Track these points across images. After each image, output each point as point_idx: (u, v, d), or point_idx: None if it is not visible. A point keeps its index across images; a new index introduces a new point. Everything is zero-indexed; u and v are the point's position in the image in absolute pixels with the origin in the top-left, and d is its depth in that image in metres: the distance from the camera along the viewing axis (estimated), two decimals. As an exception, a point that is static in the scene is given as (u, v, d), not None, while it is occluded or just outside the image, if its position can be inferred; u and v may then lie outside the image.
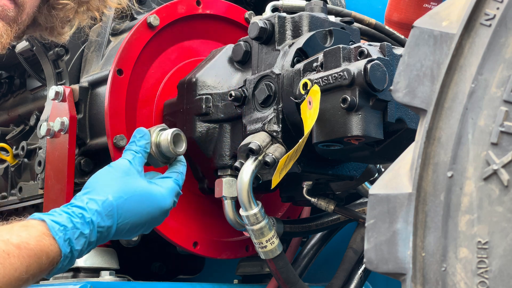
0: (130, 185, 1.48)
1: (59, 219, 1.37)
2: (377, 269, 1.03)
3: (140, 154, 1.53)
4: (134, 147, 1.54)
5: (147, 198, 1.49)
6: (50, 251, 1.33)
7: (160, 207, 1.50)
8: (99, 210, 1.41)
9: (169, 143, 1.55)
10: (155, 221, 1.51)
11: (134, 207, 1.46)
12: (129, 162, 1.51)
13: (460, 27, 1.01)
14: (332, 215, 1.77)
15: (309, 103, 1.43)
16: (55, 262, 1.35)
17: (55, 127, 1.78)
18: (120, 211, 1.44)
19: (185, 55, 1.90)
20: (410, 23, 1.32)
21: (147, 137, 1.56)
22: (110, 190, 1.45)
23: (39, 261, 1.31)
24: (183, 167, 1.60)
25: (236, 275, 1.96)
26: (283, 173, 1.47)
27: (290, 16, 1.64)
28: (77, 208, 1.41)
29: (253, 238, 1.58)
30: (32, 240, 1.31)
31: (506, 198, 0.96)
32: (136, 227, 1.47)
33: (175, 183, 1.54)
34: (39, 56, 1.99)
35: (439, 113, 1.01)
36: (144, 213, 1.48)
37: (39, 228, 1.34)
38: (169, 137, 1.56)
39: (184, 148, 1.59)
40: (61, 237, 1.35)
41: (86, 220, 1.39)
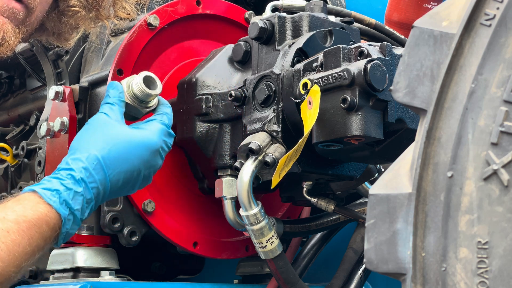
0: (111, 135, 1.47)
1: (49, 185, 1.37)
2: (377, 269, 1.03)
3: (115, 105, 1.52)
4: (108, 99, 1.54)
5: (132, 142, 1.47)
6: (48, 218, 1.33)
7: (149, 148, 1.48)
8: (85, 166, 1.40)
9: (140, 85, 1.54)
10: (150, 164, 1.49)
11: (121, 154, 1.45)
12: (105, 114, 1.51)
13: (460, 27, 1.01)
14: (332, 215, 1.77)
15: (309, 103, 1.43)
16: (57, 227, 1.35)
17: (55, 127, 1.78)
18: (107, 161, 1.43)
19: (185, 55, 1.90)
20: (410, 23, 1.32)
21: (119, 87, 1.55)
22: (91, 144, 1.44)
23: (40, 230, 1.31)
24: (167, 108, 1.59)
25: (236, 275, 1.96)
26: (283, 173, 1.47)
27: (290, 16, 1.64)
28: (64, 171, 1.40)
29: (253, 238, 1.58)
30: (28, 212, 1.31)
31: (506, 198, 0.96)
32: (131, 174, 1.46)
33: (160, 123, 1.53)
34: (39, 56, 1.99)
35: (439, 113, 1.01)
36: (133, 158, 1.46)
37: (32, 199, 1.34)
38: (140, 79, 1.55)
39: (158, 88, 1.58)
40: (55, 201, 1.34)
41: (76, 179, 1.39)
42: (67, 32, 1.71)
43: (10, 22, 1.54)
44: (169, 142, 1.54)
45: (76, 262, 1.71)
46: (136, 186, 1.51)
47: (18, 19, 1.55)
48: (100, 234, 1.76)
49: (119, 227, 1.73)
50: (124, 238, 1.74)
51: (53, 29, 1.69)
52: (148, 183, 1.54)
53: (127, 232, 1.74)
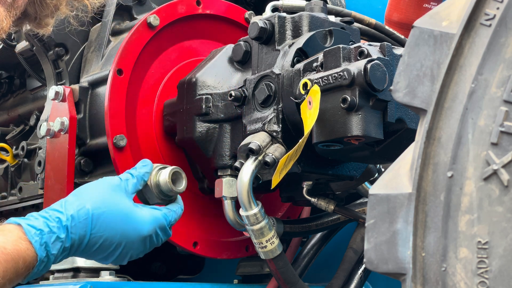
0: (113, 200, 1.46)
1: (35, 223, 1.36)
2: (377, 269, 1.03)
3: (135, 179, 1.52)
4: (133, 171, 1.53)
5: (126, 216, 1.46)
6: (26, 255, 1.32)
7: (137, 231, 1.46)
8: (74, 215, 1.40)
9: (167, 178, 1.54)
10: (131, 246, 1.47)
11: (110, 222, 1.43)
12: (120, 180, 1.50)
13: (460, 27, 1.01)
14: (332, 215, 1.77)
15: (309, 103, 1.43)
16: (31, 266, 1.34)
17: (55, 127, 1.78)
18: (95, 221, 1.42)
19: (185, 55, 1.90)
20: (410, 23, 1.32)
21: (149, 168, 1.54)
22: (91, 198, 1.44)
23: (16, 265, 1.31)
24: (178, 207, 1.57)
25: (236, 275, 1.96)
26: (283, 173, 1.47)
27: (290, 16, 1.64)
28: (54, 212, 1.40)
29: (253, 238, 1.58)
30: (9, 244, 1.31)
31: (506, 198, 0.96)
32: (109, 245, 1.44)
33: (162, 216, 1.51)
34: (39, 56, 1.99)
35: (439, 113, 1.01)
36: (119, 231, 1.44)
37: (16, 233, 1.34)
38: (169, 173, 1.54)
39: (183, 187, 1.57)
40: (37, 241, 1.34)
41: (63, 224, 1.38)
42: (49, 16, 1.70)
43: (1, 5, 1.54)
44: (161, 237, 1.51)
45: (76, 262, 1.71)
46: (108, 259, 1.48)
47: (7, 2, 1.55)
48: (100, 234, 1.76)
49: (119, 227, 1.72)
50: (124, 238, 1.73)
51: (35, 13, 1.68)
52: (121, 263, 1.51)
53: (127, 232, 1.73)
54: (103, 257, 1.47)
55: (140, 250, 1.50)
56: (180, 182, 1.57)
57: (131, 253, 1.49)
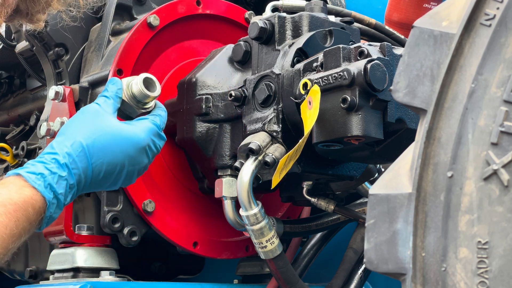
0: (99, 125, 1.47)
1: (34, 169, 1.37)
2: (377, 269, 1.03)
3: (111, 100, 1.53)
4: (105, 93, 1.54)
5: (118, 135, 1.47)
6: (34, 201, 1.33)
7: (134, 144, 1.48)
8: (69, 152, 1.41)
9: (139, 85, 1.55)
10: (134, 161, 1.49)
11: (106, 145, 1.45)
12: (98, 105, 1.51)
13: (460, 27, 1.01)
14: (332, 215, 1.77)
15: (309, 103, 1.43)
16: (42, 211, 1.35)
17: (55, 127, 1.78)
18: (92, 150, 1.43)
19: (185, 55, 1.90)
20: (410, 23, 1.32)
21: (119, 84, 1.56)
22: (78, 132, 1.45)
23: (25, 213, 1.31)
24: (162, 111, 1.59)
25: (236, 275, 1.96)
26: (283, 173, 1.47)
27: (290, 16, 1.64)
28: (49, 155, 1.41)
29: (253, 238, 1.58)
30: (13, 194, 1.31)
31: (506, 198, 0.96)
32: (114, 167, 1.46)
33: (151, 123, 1.53)
34: (39, 56, 1.99)
35: (439, 113, 1.01)
36: (118, 151, 1.46)
37: (17, 182, 1.34)
38: (140, 79, 1.56)
39: (157, 91, 1.58)
40: (40, 184, 1.35)
41: (61, 163, 1.39)
42: (41, 11, 1.71)
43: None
44: (158, 143, 1.54)
45: (76, 262, 1.71)
46: (118, 182, 1.50)
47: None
48: (100, 234, 1.76)
49: (119, 227, 1.73)
50: (124, 238, 1.74)
51: (27, 9, 1.68)
52: (131, 182, 1.53)
53: (127, 232, 1.74)
54: (112, 183, 1.49)
55: (145, 162, 1.52)
56: (153, 86, 1.58)
57: (137, 169, 1.51)
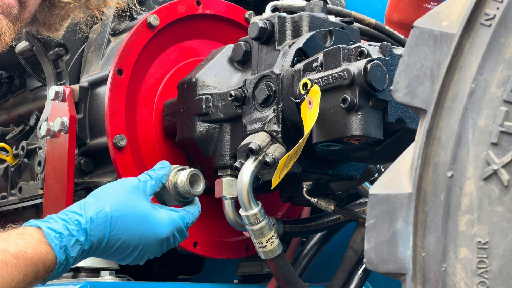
0: (131, 202, 1.46)
1: (55, 226, 1.37)
2: (377, 269, 1.03)
3: (153, 181, 1.52)
4: (151, 173, 1.53)
5: (145, 219, 1.46)
6: (46, 259, 1.33)
7: (155, 233, 1.47)
8: (93, 217, 1.40)
9: (185, 180, 1.54)
10: (149, 248, 1.48)
11: (129, 225, 1.44)
12: (139, 181, 1.50)
13: (460, 27, 1.01)
14: (332, 215, 1.77)
15: (309, 103, 1.43)
16: (50, 269, 1.35)
17: (55, 127, 1.78)
18: (114, 224, 1.42)
19: (185, 55, 1.90)
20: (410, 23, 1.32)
21: (167, 170, 1.55)
22: (110, 201, 1.44)
23: (35, 269, 1.31)
24: (195, 209, 1.57)
25: (236, 275, 1.96)
26: (283, 173, 1.47)
27: (290, 16, 1.64)
28: (74, 214, 1.40)
29: (253, 238, 1.58)
30: (29, 248, 1.31)
31: (506, 198, 0.96)
32: (127, 247, 1.44)
33: (179, 218, 1.51)
34: (39, 56, 1.99)
35: (439, 113, 1.01)
36: (137, 234, 1.45)
37: (36, 236, 1.34)
38: (187, 175, 1.55)
39: (201, 190, 1.57)
40: (57, 244, 1.34)
41: (82, 227, 1.39)
42: (58, 23, 1.71)
43: (5, 18, 1.54)
44: (178, 239, 1.52)
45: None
46: (125, 260, 1.49)
47: (12, 14, 1.55)
48: (100, 234, 1.76)
49: (119, 227, 1.72)
50: (124, 238, 1.73)
51: (44, 20, 1.68)
52: (138, 263, 1.52)
53: (127, 232, 1.73)
54: (120, 258, 1.48)
55: (158, 252, 1.51)
56: (198, 184, 1.58)
57: (148, 255, 1.50)
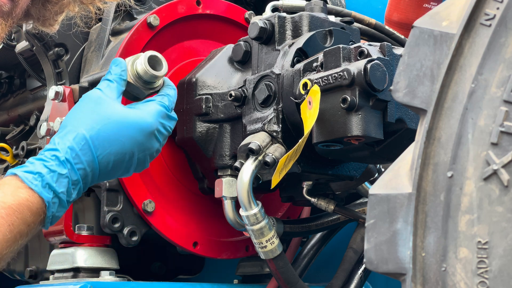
0: (103, 113, 1.40)
1: (32, 168, 1.32)
2: (377, 269, 1.03)
3: (114, 83, 1.46)
4: (108, 76, 1.47)
5: (124, 122, 1.41)
6: (30, 203, 1.29)
7: (142, 130, 1.42)
8: (71, 146, 1.35)
9: (144, 64, 1.48)
10: (144, 147, 1.43)
11: (111, 135, 1.39)
12: (100, 90, 1.44)
13: (460, 27, 1.01)
14: (332, 215, 1.77)
15: (309, 103, 1.43)
16: (41, 212, 1.31)
17: (55, 127, 1.78)
18: (96, 142, 1.37)
19: (185, 55, 1.90)
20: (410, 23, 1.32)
21: (123, 65, 1.48)
22: (81, 123, 1.38)
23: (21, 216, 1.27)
24: (170, 89, 1.52)
25: (236, 275, 1.96)
26: (283, 173, 1.47)
27: (290, 16, 1.64)
28: (49, 151, 1.35)
29: (253, 238, 1.58)
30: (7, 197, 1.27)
31: (506, 198, 0.96)
32: (123, 157, 1.40)
33: (158, 104, 1.46)
34: (39, 56, 1.99)
35: (439, 113, 1.01)
36: (125, 140, 1.40)
37: (13, 183, 1.30)
38: (145, 59, 1.49)
39: (164, 69, 1.51)
40: (37, 185, 1.30)
41: (61, 160, 1.33)
42: (52, 18, 1.69)
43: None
44: (167, 124, 1.47)
45: (76, 262, 1.71)
46: (130, 170, 1.44)
47: (4, 11, 1.53)
48: (100, 234, 1.76)
49: (119, 227, 1.73)
50: (124, 238, 1.74)
51: (38, 15, 1.66)
52: (145, 167, 1.47)
53: (127, 232, 1.74)
54: (123, 171, 1.44)
55: (155, 147, 1.46)
56: (159, 65, 1.51)
57: (148, 154, 1.45)
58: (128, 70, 1.49)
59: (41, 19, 1.68)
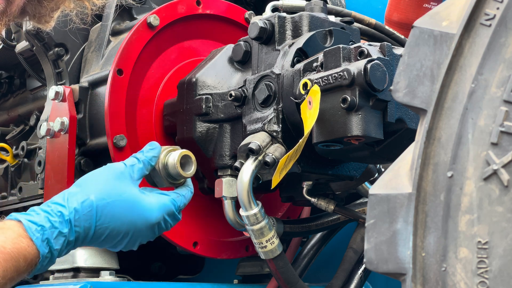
0: (117, 189, 1.42)
1: (36, 218, 1.33)
2: (377, 269, 1.03)
3: (141, 164, 1.48)
4: (139, 155, 1.50)
5: (132, 205, 1.43)
6: (27, 253, 1.30)
7: (145, 219, 1.44)
8: (77, 208, 1.37)
9: (176, 161, 1.52)
10: (140, 234, 1.45)
11: (116, 212, 1.41)
12: (125, 166, 1.47)
13: (460, 27, 1.01)
14: (332, 215, 1.77)
15: (309, 103, 1.43)
16: (33, 263, 1.32)
17: (55, 127, 1.78)
18: (100, 213, 1.39)
19: (185, 55, 1.90)
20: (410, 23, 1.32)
21: (157, 152, 1.51)
22: (94, 189, 1.40)
23: (16, 264, 1.28)
24: (187, 191, 1.54)
25: (236, 275, 1.96)
26: (283, 173, 1.47)
27: (290, 16, 1.64)
28: (57, 206, 1.37)
29: (253, 238, 1.58)
30: (8, 243, 1.28)
31: (506, 198, 0.96)
32: (116, 235, 1.42)
33: (170, 202, 1.48)
34: (39, 56, 1.99)
35: (439, 113, 1.01)
36: (126, 221, 1.42)
37: (16, 230, 1.31)
38: (178, 156, 1.52)
39: (192, 171, 1.54)
40: (38, 237, 1.31)
41: (65, 219, 1.35)
42: (48, 15, 1.69)
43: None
44: (170, 222, 1.49)
45: (76, 262, 1.71)
46: (118, 247, 1.46)
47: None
48: (100, 234, 1.76)
49: (119, 227, 1.73)
50: (124, 238, 1.73)
51: (34, 12, 1.66)
52: (131, 248, 1.49)
53: (127, 232, 1.73)
54: (111, 246, 1.45)
55: (150, 236, 1.48)
56: (189, 165, 1.55)
57: (140, 240, 1.47)
58: (159, 158, 1.52)
59: (37, 16, 1.68)
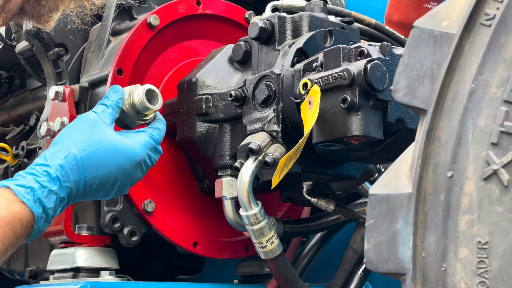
0: (95, 137, 1.44)
1: (24, 182, 1.35)
2: (377, 269, 1.03)
3: (110, 109, 1.50)
4: (105, 101, 1.51)
5: (115, 149, 1.45)
6: (22, 216, 1.31)
7: (130, 158, 1.46)
8: (62, 164, 1.39)
9: (141, 96, 1.53)
10: (128, 175, 1.47)
11: (101, 159, 1.43)
12: (96, 114, 1.48)
13: (460, 27, 1.01)
14: (332, 215, 1.77)
15: (309, 103, 1.43)
16: (30, 225, 1.33)
17: (55, 127, 1.78)
18: (86, 164, 1.41)
19: (185, 55, 1.90)
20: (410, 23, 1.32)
21: (121, 93, 1.53)
22: (73, 143, 1.42)
23: (13, 229, 1.29)
24: (160, 123, 1.56)
25: (236, 275, 1.96)
26: (283, 173, 1.47)
27: (290, 16, 1.64)
28: (41, 166, 1.38)
29: (253, 238, 1.58)
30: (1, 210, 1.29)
31: (506, 198, 0.96)
32: (106, 182, 1.44)
33: (148, 137, 1.51)
34: (39, 56, 1.99)
35: (439, 113, 1.01)
36: (112, 165, 1.44)
37: (6, 196, 1.32)
38: (142, 91, 1.53)
39: (159, 104, 1.55)
40: (29, 199, 1.33)
41: (52, 176, 1.37)
42: (47, 14, 1.69)
43: None
44: (154, 157, 1.52)
45: (76, 262, 1.71)
46: (110, 194, 1.48)
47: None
48: (100, 234, 1.76)
49: (119, 227, 1.73)
50: (124, 238, 1.74)
51: (32, 11, 1.67)
52: (124, 193, 1.52)
53: (127, 232, 1.74)
54: (104, 194, 1.47)
55: (139, 176, 1.50)
56: (155, 99, 1.56)
57: (130, 182, 1.49)
58: (124, 99, 1.54)
59: (35, 16, 1.68)
